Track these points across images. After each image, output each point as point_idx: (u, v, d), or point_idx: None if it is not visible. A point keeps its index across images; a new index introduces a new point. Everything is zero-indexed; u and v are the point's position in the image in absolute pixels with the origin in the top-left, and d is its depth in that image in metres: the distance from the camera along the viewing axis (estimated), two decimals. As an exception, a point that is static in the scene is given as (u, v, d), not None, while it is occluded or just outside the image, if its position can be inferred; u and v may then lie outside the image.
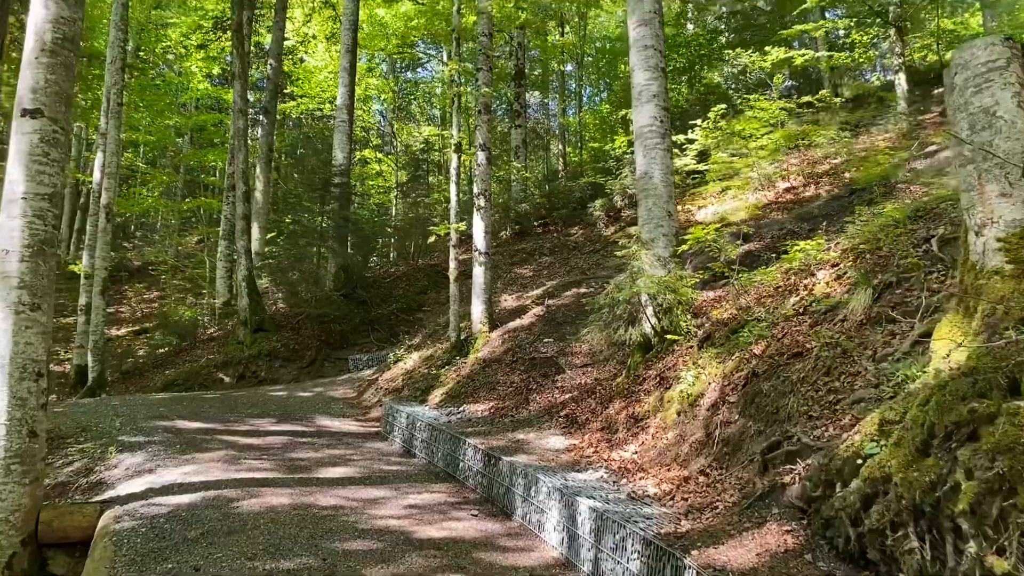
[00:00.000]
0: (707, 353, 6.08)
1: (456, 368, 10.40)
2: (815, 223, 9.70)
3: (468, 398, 9.41)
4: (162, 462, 7.28)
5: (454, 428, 7.85)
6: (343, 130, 17.80)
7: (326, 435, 9.06)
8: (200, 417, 9.63)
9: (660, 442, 5.75)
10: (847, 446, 3.16)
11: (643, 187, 8.09)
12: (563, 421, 7.47)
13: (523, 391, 8.93)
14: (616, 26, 31.00)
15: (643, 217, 8.04)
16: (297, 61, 28.53)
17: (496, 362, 10.02)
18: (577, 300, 11.25)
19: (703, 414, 5.42)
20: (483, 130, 11.36)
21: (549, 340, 10.08)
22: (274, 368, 15.18)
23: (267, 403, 11.04)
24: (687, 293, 7.29)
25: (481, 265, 11.08)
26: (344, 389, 12.45)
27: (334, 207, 16.65)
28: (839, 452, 3.18)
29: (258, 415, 10.03)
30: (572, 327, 10.36)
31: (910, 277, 4.40)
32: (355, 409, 10.94)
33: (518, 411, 8.33)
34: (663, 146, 8.12)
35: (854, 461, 3.04)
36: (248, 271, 16.06)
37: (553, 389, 8.67)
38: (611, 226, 18.24)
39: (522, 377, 9.32)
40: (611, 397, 7.33)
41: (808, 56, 17.68)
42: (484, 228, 11.14)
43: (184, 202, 28.98)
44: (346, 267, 16.93)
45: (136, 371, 16.38)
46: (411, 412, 8.73)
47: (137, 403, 10.80)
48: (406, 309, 17.22)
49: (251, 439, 8.54)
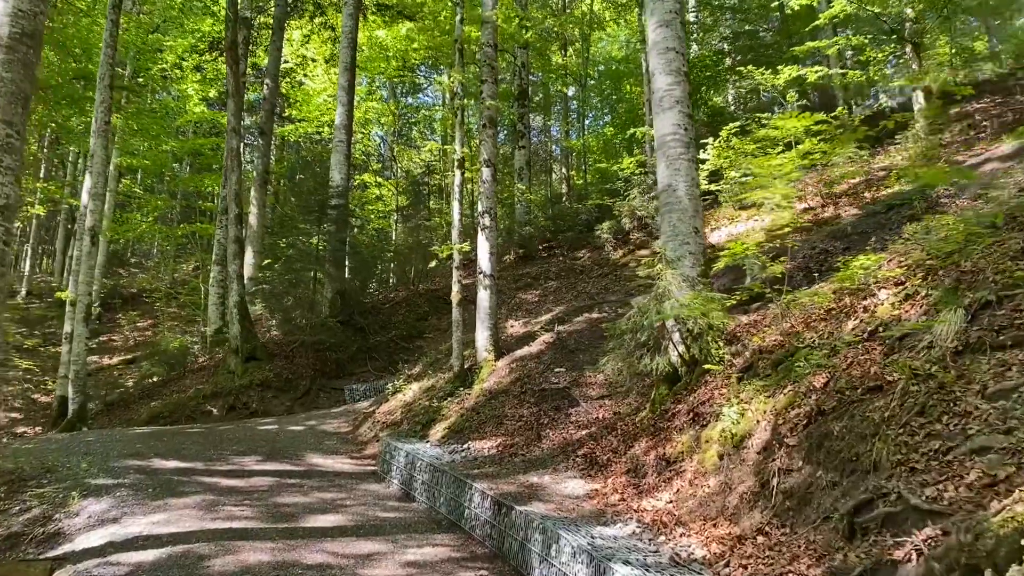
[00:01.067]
0: (751, 386, 5.29)
1: (460, 400, 9.59)
2: (850, 241, 8.96)
3: (473, 433, 8.58)
4: (129, 509, 6.46)
5: (459, 469, 7.03)
6: (341, 151, 17.15)
7: (316, 475, 8.23)
8: (179, 455, 8.80)
9: (700, 490, 4.93)
10: (1004, 518, 2.38)
11: (666, 201, 7.36)
12: (581, 461, 6.65)
13: (534, 426, 8.11)
14: (619, 48, 30.63)
15: (667, 233, 7.29)
16: (296, 84, 28.06)
17: (503, 393, 9.21)
18: (590, 326, 10.47)
19: (753, 458, 4.62)
20: (488, 145, 10.68)
21: (560, 370, 9.29)
22: (266, 399, 14.35)
23: (255, 438, 10.20)
24: (719, 317, 6.51)
25: (486, 289, 10.31)
26: (339, 422, 11.61)
27: (331, 230, 15.93)
28: (990, 525, 2.40)
29: (244, 452, 9.20)
30: (586, 355, 9.57)
31: (1014, 295, 3.62)
32: (350, 445, 10.11)
33: (529, 449, 7.51)
34: (687, 156, 7.40)
35: (1018, 540, 2.26)
36: (240, 297, 15.29)
37: (567, 424, 7.86)
38: (619, 249, 17.51)
39: (532, 410, 8.51)
40: (635, 434, 6.52)
41: (822, 73, 17.04)
42: (489, 249, 10.41)
43: (179, 227, 28.32)
44: (343, 292, 16.17)
45: (121, 402, 15.54)
46: (411, 450, 7.91)
47: (114, 438, 9.96)
48: (406, 336, 16.43)
49: (233, 480, 7.71)
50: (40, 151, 31.33)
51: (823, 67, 18.40)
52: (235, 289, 15.32)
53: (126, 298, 30.79)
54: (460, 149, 10.44)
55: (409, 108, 32.20)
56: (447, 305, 17.90)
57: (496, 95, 10.86)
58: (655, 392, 6.86)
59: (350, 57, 17.64)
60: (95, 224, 14.32)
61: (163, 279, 30.68)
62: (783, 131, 16.21)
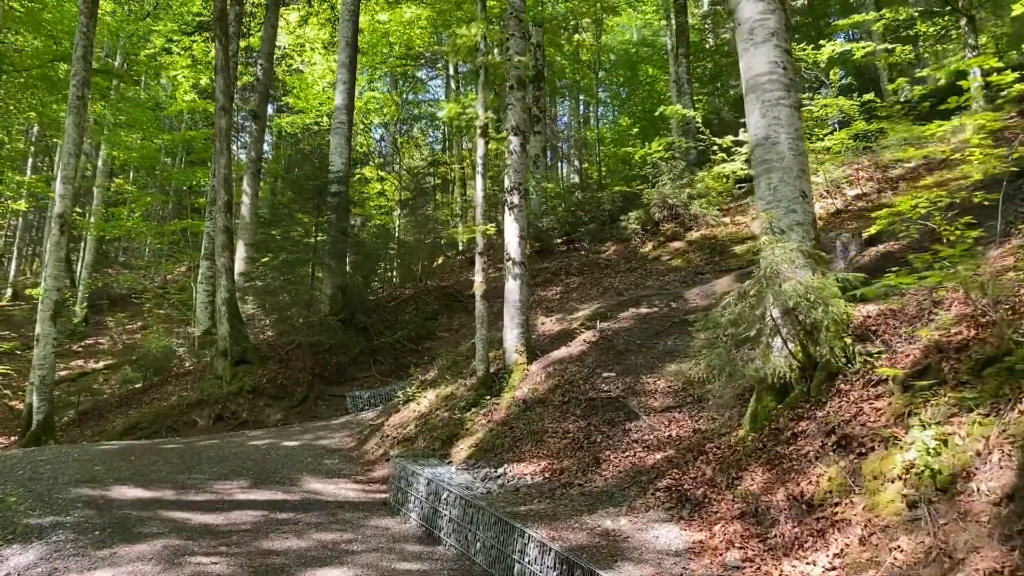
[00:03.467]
0: (942, 400, 3.66)
1: (487, 411, 7.96)
2: (980, 212, 7.34)
3: (507, 453, 6.96)
4: (65, 562, 4.83)
5: (499, 504, 5.40)
6: (341, 133, 15.54)
7: (315, 507, 6.58)
8: (146, 479, 7.16)
9: (886, 554, 3.31)
10: None
11: (763, 158, 5.74)
12: (665, 497, 5.02)
13: (585, 445, 6.49)
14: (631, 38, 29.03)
15: (766, 199, 5.67)
16: (293, 71, 26.46)
17: (540, 403, 7.58)
18: (639, 322, 8.84)
19: (990, 512, 3.00)
20: (516, 110, 9.07)
21: (610, 374, 7.66)
22: (257, 408, 12.70)
23: (242, 456, 8.56)
24: (840, 306, 4.89)
25: (516, 279, 8.69)
26: (341, 436, 9.97)
27: (331, 218, 14.28)
28: None
29: (226, 475, 7.55)
30: (639, 357, 7.95)
31: None
32: (354, 465, 8.46)
33: (586, 476, 5.88)
34: (789, 101, 5.79)
35: None
36: (229, 293, 13.66)
37: (630, 443, 6.24)
38: (648, 242, 15.91)
39: (579, 425, 6.89)
40: (737, 461, 4.89)
41: (869, 48, 15.38)
42: (519, 232, 8.79)
43: (168, 224, 26.70)
44: (344, 288, 14.53)
45: (96, 412, 13.89)
46: (433, 475, 6.27)
47: (73, 457, 8.31)
48: (414, 337, 14.78)
49: (209, 516, 6.07)
50: (27, 145, 29.74)
51: (870, 43, 16.74)
52: (224, 285, 13.68)
53: (115, 299, 29.18)
54: (483, 114, 8.83)
55: (411, 103, 30.54)
56: (459, 303, 16.30)
57: (524, 51, 9.26)
58: (757, 404, 5.23)
59: (351, 31, 16.03)
60: (64, 211, 12.70)
61: (153, 279, 29.10)
62: (831, 110, 14.58)
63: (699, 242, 14.75)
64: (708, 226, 15.19)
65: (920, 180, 13.82)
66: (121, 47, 24.40)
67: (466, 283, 17.51)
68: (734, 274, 9.77)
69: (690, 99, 18.81)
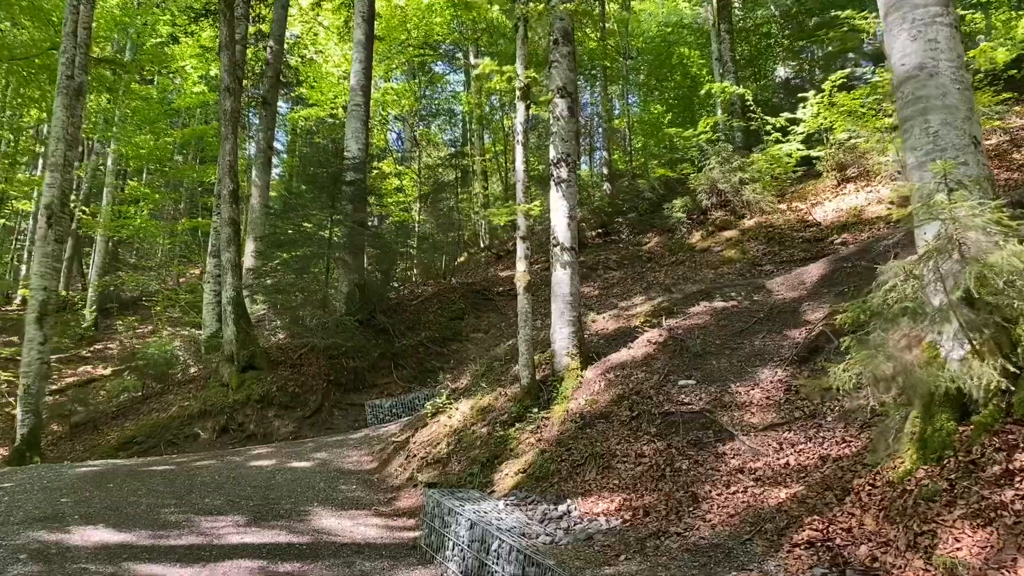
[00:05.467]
0: None
1: (535, 427, 6.55)
2: None
3: (566, 482, 5.55)
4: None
5: (571, 561, 3.99)
6: (358, 116, 14.20)
7: (327, 553, 5.20)
8: (121, 516, 5.81)
9: None
10: None
11: (915, 95, 4.28)
12: (811, 557, 3.58)
13: (667, 474, 5.07)
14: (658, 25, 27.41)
15: (922, 149, 4.21)
16: (306, 61, 25.21)
17: (602, 418, 6.16)
18: (716, 318, 7.38)
19: None
20: (562, 68, 7.66)
21: (688, 382, 6.22)
22: (266, 419, 11.37)
23: (241, 481, 7.20)
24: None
25: (565, 267, 7.27)
26: (359, 454, 8.59)
27: (346, 209, 12.92)
28: None
29: (219, 509, 6.19)
30: (722, 360, 6.50)
31: None
32: (375, 492, 7.08)
33: (682, 520, 4.45)
34: (947, 18, 4.34)
35: None
36: (236, 291, 12.35)
37: (731, 473, 4.81)
38: (696, 231, 14.44)
39: (656, 447, 5.47)
40: (916, 508, 3.44)
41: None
42: (568, 211, 7.37)
43: (178, 223, 25.57)
44: (362, 286, 13.17)
45: (91, 423, 12.62)
46: (477, 516, 4.87)
47: (41, 484, 6.99)
48: (439, 339, 13.40)
49: (189, 570, 4.70)
50: (36, 144, 28.78)
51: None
52: (230, 282, 12.38)
53: (125, 303, 28.11)
54: (523, 73, 7.42)
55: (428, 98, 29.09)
56: (487, 301, 14.88)
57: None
58: (925, 425, 3.78)
59: (367, 6, 14.71)
60: (52, 202, 11.46)
61: (165, 281, 28.01)
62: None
63: (754, 231, 13.26)
64: (763, 213, 13.70)
65: (1008, 154, 12.31)
66: (131, 43, 23.30)
67: (494, 279, 16.10)
68: (825, 260, 8.28)
69: (735, 77, 17.30)
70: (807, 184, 14.41)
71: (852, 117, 13.09)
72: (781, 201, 14.01)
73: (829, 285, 7.20)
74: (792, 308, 7.12)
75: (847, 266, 7.42)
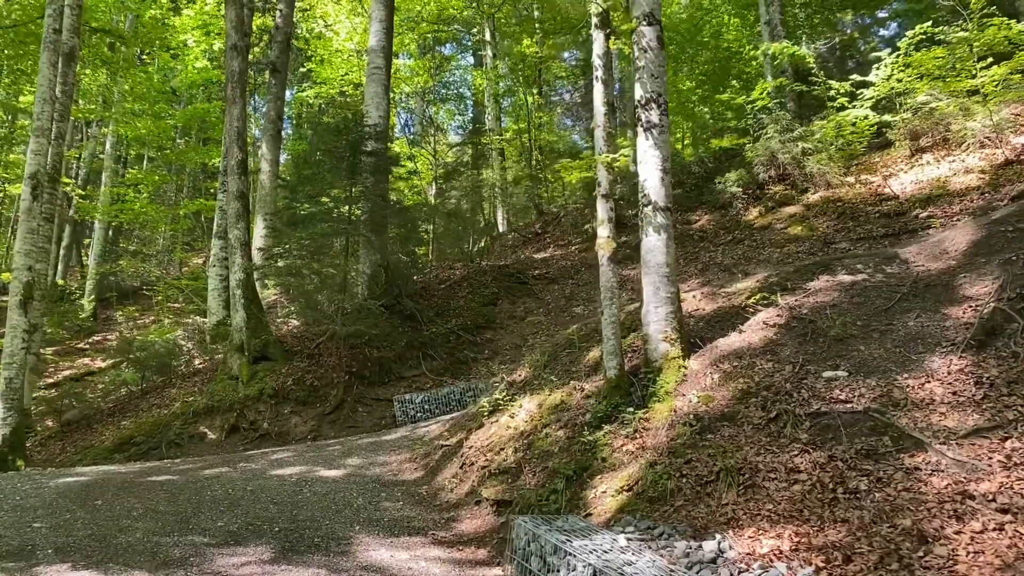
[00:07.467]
0: None
1: (630, 430, 5.17)
2: None
3: (695, 506, 4.19)
4: None
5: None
6: (379, 80, 12.79)
7: (385, 605, 3.83)
8: (107, 547, 4.44)
9: None
10: None
11: None
12: None
13: (839, 496, 3.73)
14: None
15: None
16: (315, 36, 23.76)
17: (726, 421, 4.78)
18: (847, 295, 5.97)
19: None
20: (650, -11, 6.25)
21: (837, 373, 4.84)
22: (282, 416, 10.02)
23: (262, 497, 5.84)
24: None
25: (660, 231, 5.89)
26: (398, 459, 7.22)
27: (367, 182, 11.51)
28: None
29: (238, 534, 4.82)
30: (872, 345, 5.11)
31: None
32: (428, 509, 5.70)
33: (912, 570, 3.08)
34: None
35: None
36: (246, 273, 10.99)
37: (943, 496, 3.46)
38: (752, 207, 13.05)
39: (812, 459, 4.11)
40: None
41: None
42: (660, 163, 5.98)
43: (180, 205, 24.18)
44: (386, 267, 11.78)
45: (85, 421, 11.27)
46: (598, 558, 3.49)
47: (12, 502, 5.62)
48: (470, 326, 12.03)
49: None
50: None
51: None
52: (239, 263, 11.02)
53: (125, 292, 26.70)
54: (604, -4, 6.02)
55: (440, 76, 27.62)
56: (521, 285, 13.49)
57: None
58: None
59: (387, -42, 13.29)
60: (38, 171, 10.07)
61: (167, 269, 26.72)
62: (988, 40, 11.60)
63: (820, 206, 11.89)
64: (828, 187, 12.31)
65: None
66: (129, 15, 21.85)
67: (527, 262, 14.71)
68: (974, 224, 6.85)
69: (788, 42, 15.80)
70: (874, 155, 12.99)
71: (928, 79, 11.67)
72: (847, 174, 12.61)
73: (987, 253, 5.82)
74: (942, 282, 5.73)
75: (1006, 230, 6.02)
